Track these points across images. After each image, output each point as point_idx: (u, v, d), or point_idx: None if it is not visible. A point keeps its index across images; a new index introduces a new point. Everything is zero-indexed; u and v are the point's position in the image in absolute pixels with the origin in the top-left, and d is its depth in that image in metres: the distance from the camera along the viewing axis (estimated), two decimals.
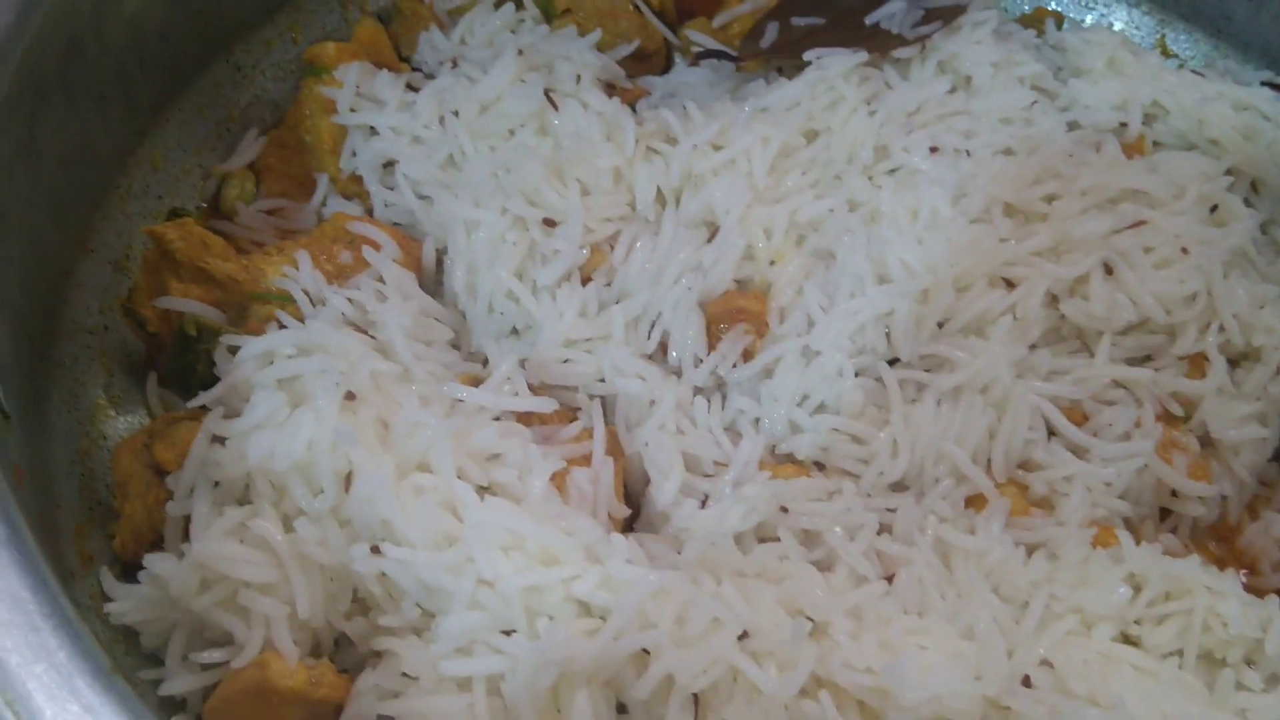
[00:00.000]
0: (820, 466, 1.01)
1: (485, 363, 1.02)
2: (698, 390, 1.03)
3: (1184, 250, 1.09)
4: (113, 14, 0.99)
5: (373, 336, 0.96)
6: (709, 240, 1.09)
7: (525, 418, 0.96)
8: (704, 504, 0.96)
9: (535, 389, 0.99)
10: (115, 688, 0.61)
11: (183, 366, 0.98)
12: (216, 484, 0.87)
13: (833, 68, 1.17)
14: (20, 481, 0.74)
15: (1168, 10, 1.42)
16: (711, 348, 1.04)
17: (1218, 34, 1.40)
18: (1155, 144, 1.22)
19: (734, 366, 1.03)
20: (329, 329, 0.93)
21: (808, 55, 1.19)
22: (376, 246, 1.02)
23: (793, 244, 1.09)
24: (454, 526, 0.83)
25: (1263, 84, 1.28)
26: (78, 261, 1.01)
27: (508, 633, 0.81)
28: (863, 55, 1.18)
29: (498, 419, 0.93)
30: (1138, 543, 0.99)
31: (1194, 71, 1.29)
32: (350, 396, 0.88)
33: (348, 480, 0.85)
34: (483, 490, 0.86)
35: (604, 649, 0.78)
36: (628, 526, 0.97)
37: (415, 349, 0.95)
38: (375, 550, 0.83)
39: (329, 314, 0.96)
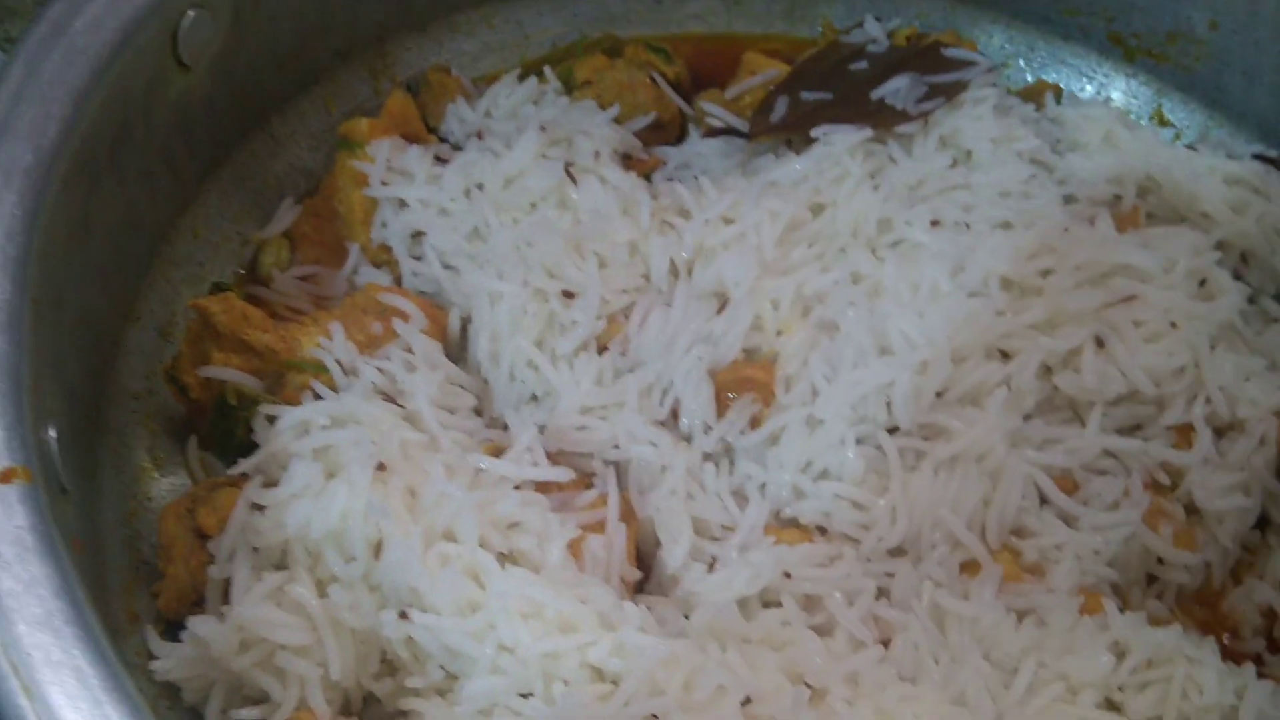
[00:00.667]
0: (823, 531, 1.06)
1: (505, 427, 1.08)
2: (707, 456, 1.09)
3: (1173, 324, 1.14)
4: (160, 96, 1.06)
5: (401, 405, 1.02)
6: (719, 311, 1.14)
7: (543, 485, 1.01)
8: (711, 567, 1.02)
9: (552, 455, 1.04)
10: None
11: (222, 431, 1.05)
12: (255, 549, 0.93)
13: (839, 144, 1.23)
14: (78, 551, 0.80)
15: (1164, 81, 1.47)
16: (720, 415, 1.09)
17: (1213, 105, 1.44)
18: (1149, 216, 1.27)
19: (741, 433, 1.08)
20: (361, 400, 0.99)
21: (815, 131, 1.25)
22: (405, 318, 1.08)
23: (799, 315, 1.15)
24: (477, 594, 0.89)
25: (1254, 156, 1.34)
26: (125, 329, 1.07)
27: (526, 696, 0.87)
28: (867, 132, 1.24)
29: (518, 487, 0.99)
30: (1124, 608, 1.04)
31: (1187, 146, 1.35)
32: (381, 467, 0.94)
33: (378, 548, 0.91)
34: (503, 557, 0.92)
35: (615, 714, 0.84)
36: (639, 588, 1.02)
37: (441, 417, 1.01)
38: (403, 615, 0.89)
39: (361, 385, 1.02)
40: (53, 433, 0.83)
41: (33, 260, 0.85)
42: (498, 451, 1.03)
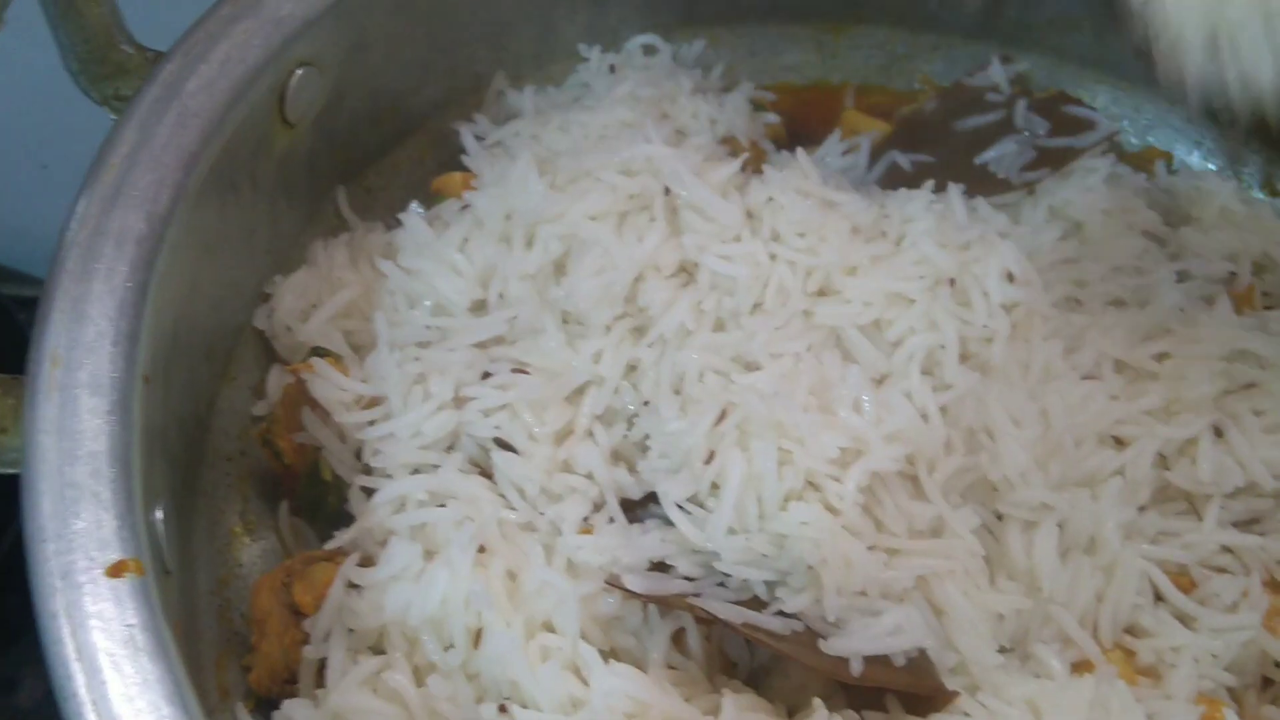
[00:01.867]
0: None
1: None
2: None
3: None
4: (266, 156, 1.05)
5: (494, 480, 1.00)
6: None
7: None
8: None
9: None
10: None
11: (314, 499, 1.03)
12: (351, 631, 0.91)
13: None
14: (177, 632, 0.78)
15: (1274, 147, 1.42)
16: None
17: None
18: (1264, 294, 1.23)
19: None
20: (458, 475, 0.97)
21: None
22: None
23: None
24: (580, 690, 0.86)
25: None
26: (220, 390, 1.05)
27: None
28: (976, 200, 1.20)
29: None
30: (1240, 715, 0.99)
31: None
32: (481, 549, 0.92)
33: (478, 637, 0.89)
34: (604, 654, 0.89)
35: None
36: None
37: (538, 500, 0.99)
38: (503, 709, 0.86)
39: (456, 459, 0.99)
40: (159, 514, 0.82)
41: (143, 335, 0.84)
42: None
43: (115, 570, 0.72)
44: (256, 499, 1.06)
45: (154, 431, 0.85)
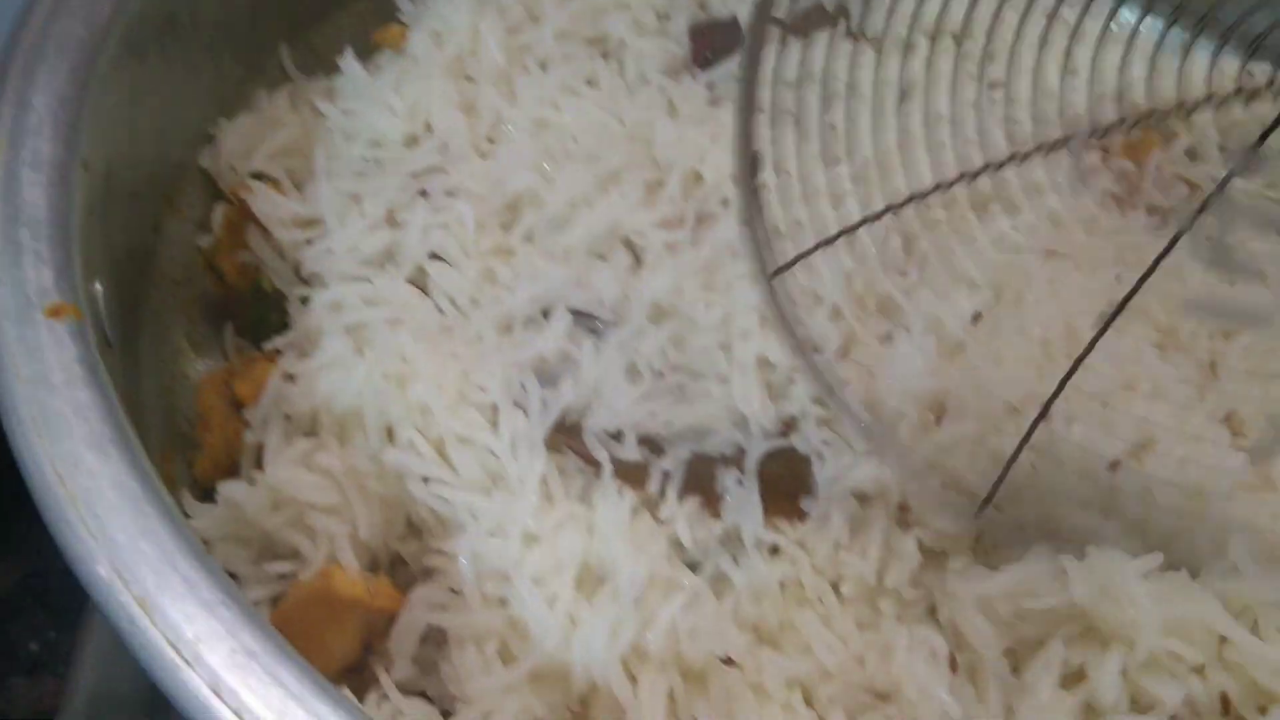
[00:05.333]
0: None
1: None
2: None
3: None
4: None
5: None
6: None
7: None
8: None
9: None
10: (211, 566, 0.70)
11: (258, 317, 1.08)
12: (288, 417, 0.97)
13: None
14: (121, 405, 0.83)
15: None
16: None
17: None
18: None
19: None
20: (392, 283, 1.03)
21: None
22: None
23: None
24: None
25: None
26: (166, 219, 1.11)
27: None
28: None
29: None
30: None
31: None
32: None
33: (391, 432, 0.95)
34: None
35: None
36: None
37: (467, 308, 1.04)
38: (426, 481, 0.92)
39: (391, 272, 1.05)
40: (99, 287, 0.87)
41: (83, 127, 0.89)
42: None
43: (54, 311, 0.78)
44: (203, 323, 1.11)
45: (95, 218, 0.90)
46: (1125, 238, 1.12)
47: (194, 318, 1.11)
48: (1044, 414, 0.92)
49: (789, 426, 1.02)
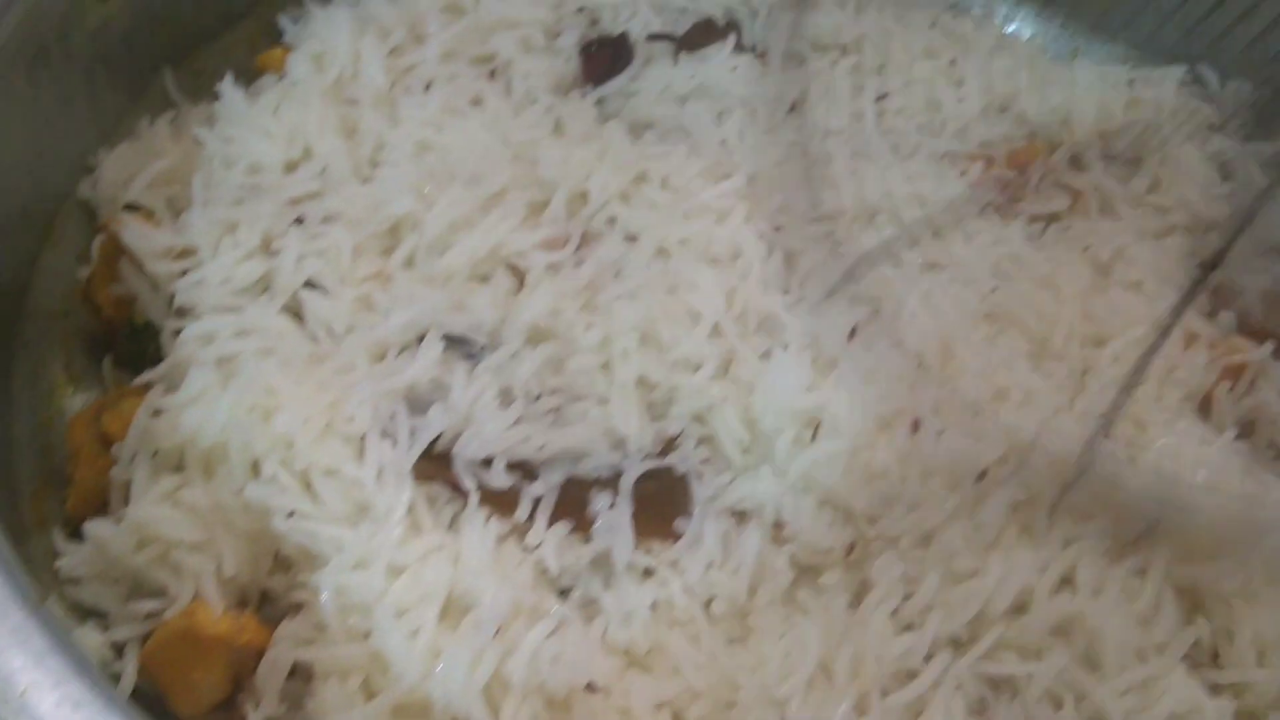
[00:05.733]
0: None
1: None
2: None
3: None
4: (77, 28, 1.09)
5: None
6: None
7: None
8: None
9: None
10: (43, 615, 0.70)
11: (136, 350, 1.08)
12: (155, 453, 0.96)
13: None
14: None
15: None
16: None
17: None
18: None
19: None
20: (265, 313, 1.02)
21: None
22: None
23: None
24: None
25: None
26: (43, 252, 1.10)
27: None
28: None
29: None
30: None
31: None
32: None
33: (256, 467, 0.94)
34: None
35: None
36: None
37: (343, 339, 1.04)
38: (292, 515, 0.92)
39: (266, 302, 1.05)
40: None
41: None
42: None
43: None
44: (82, 355, 1.10)
45: None
46: (1004, 248, 1.13)
47: (73, 351, 1.10)
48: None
49: (668, 446, 1.02)
